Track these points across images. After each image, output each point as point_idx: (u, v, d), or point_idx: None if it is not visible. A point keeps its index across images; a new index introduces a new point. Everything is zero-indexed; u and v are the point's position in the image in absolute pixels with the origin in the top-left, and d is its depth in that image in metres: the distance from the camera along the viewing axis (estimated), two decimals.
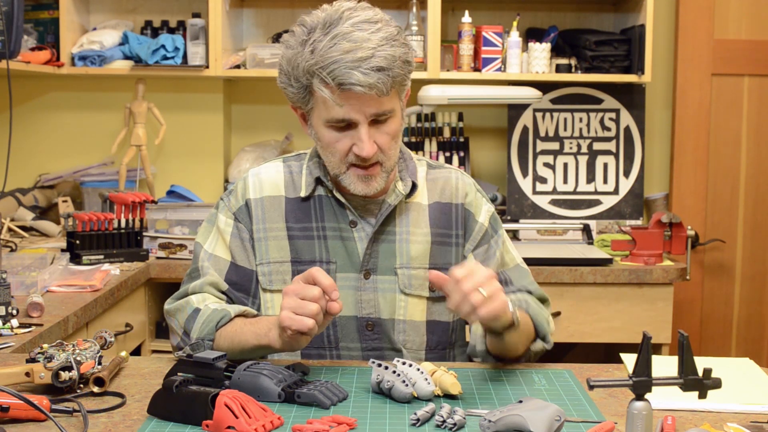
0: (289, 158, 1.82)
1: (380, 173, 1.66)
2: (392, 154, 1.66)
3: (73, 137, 3.55)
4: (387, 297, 1.73)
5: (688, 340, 1.18)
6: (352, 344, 1.73)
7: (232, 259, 1.74)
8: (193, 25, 3.33)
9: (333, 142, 1.64)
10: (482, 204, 1.81)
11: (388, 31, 1.59)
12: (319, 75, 1.56)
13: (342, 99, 1.57)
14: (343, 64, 1.54)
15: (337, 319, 1.71)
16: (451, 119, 3.55)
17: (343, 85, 1.55)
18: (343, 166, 1.65)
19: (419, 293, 1.74)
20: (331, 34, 1.56)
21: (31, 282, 2.22)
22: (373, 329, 1.73)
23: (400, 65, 1.58)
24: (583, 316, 2.96)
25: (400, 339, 1.73)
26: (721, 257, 3.60)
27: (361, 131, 1.60)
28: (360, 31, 1.56)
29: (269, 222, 1.74)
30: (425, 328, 1.75)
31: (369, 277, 1.73)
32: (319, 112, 1.63)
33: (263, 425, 1.28)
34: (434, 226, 1.76)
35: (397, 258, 1.73)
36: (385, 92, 1.57)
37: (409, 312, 1.74)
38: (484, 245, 1.78)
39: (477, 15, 3.42)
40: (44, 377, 1.45)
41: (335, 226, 1.73)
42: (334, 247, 1.73)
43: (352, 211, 1.73)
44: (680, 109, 3.57)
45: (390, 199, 1.73)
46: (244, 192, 1.77)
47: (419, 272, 1.74)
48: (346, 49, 1.54)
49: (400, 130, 1.68)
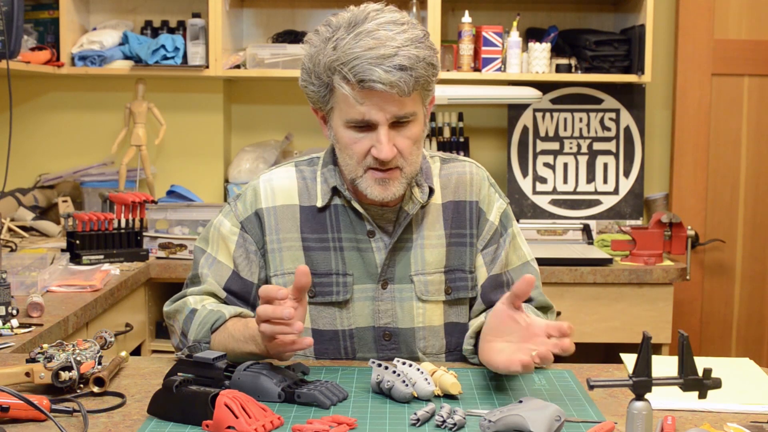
0: (301, 163, 1.76)
1: (399, 178, 1.61)
2: (413, 160, 1.62)
3: (73, 137, 3.55)
4: (404, 306, 1.70)
5: (688, 340, 1.18)
6: (369, 354, 1.70)
7: (234, 269, 1.70)
8: (193, 25, 3.33)
9: (351, 143, 1.59)
10: (494, 200, 1.76)
11: (414, 33, 1.56)
12: (341, 71, 1.53)
13: (362, 96, 1.54)
14: (365, 60, 1.51)
15: (355, 331, 1.69)
16: (451, 119, 3.55)
17: (364, 82, 1.52)
18: (360, 170, 1.61)
19: (436, 298, 1.71)
20: (354, 32, 1.53)
21: (31, 282, 2.22)
22: (390, 339, 1.70)
23: (424, 66, 1.55)
24: (583, 316, 2.96)
25: (421, 345, 1.71)
26: (721, 257, 3.60)
27: (381, 132, 1.56)
28: (385, 31, 1.53)
29: (283, 232, 1.70)
30: (443, 331, 1.73)
31: (387, 286, 1.69)
32: (339, 112, 1.59)
33: (263, 425, 1.28)
34: (449, 227, 1.73)
35: (412, 265, 1.70)
36: (406, 92, 1.53)
37: (428, 318, 1.71)
38: (493, 245, 1.75)
39: (477, 15, 3.42)
40: (44, 377, 1.45)
41: (352, 237, 1.69)
42: (351, 259, 1.69)
43: (370, 221, 1.69)
44: (680, 109, 3.57)
45: (407, 207, 1.69)
46: (255, 200, 1.72)
47: (435, 277, 1.71)
48: (369, 46, 1.51)
49: (422, 137, 1.63)
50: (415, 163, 1.63)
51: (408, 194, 1.70)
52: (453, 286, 1.72)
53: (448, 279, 1.72)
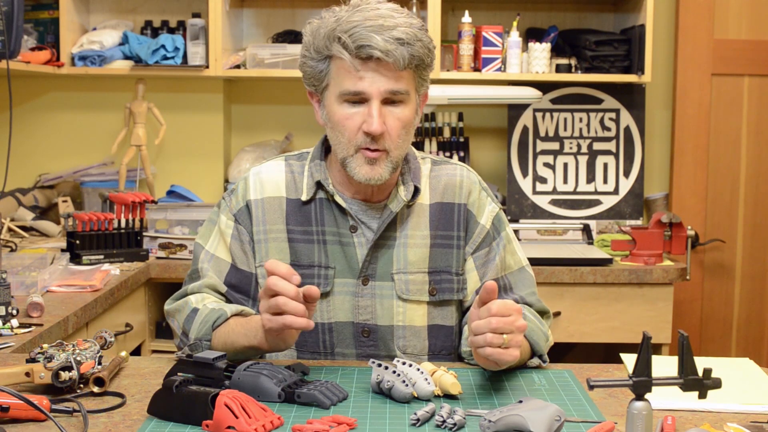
0: (291, 157, 1.80)
1: (385, 161, 1.63)
2: (400, 144, 1.64)
3: (73, 137, 3.55)
4: (384, 303, 1.71)
5: (688, 340, 1.18)
6: (347, 350, 1.71)
7: (232, 262, 1.73)
8: (193, 25, 3.33)
9: (344, 119, 1.62)
10: (485, 204, 1.77)
11: (413, 20, 1.62)
12: (340, 39, 1.58)
13: (359, 65, 1.58)
14: (365, 28, 1.56)
15: (334, 325, 1.71)
16: (451, 119, 3.55)
17: (362, 48, 1.56)
18: (352, 148, 1.63)
19: (418, 298, 1.72)
20: (356, 9, 1.61)
21: (31, 282, 2.22)
22: (369, 336, 1.71)
23: (421, 46, 1.60)
24: (583, 316, 2.96)
25: (400, 344, 1.72)
26: (721, 257, 3.60)
27: (372, 106, 1.60)
28: (386, 11, 1.60)
29: (269, 224, 1.73)
30: (426, 332, 1.73)
31: (367, 283, 1.71)
32: (334, 86, 1.63)
33: (263, 425, 1.28)
34: (434, 228, 1.74)
35: (394, 263, 1.71)
36: (401, 64, 1.57)
37: (409, 317, 1.72)
38: (484, 248, 1.75)
39: (477, 15, 3.43)
40: (44, 377, 1.45)
41: (335, 231, 1.71)
42: (333, 252, 1.71)
43: (353, 216, 1.71)
44: (680, 109, 3.57)
45: (392, 205, 1.71)
46: (245, 193, 1.75)
47: (417, 277, 1.72)
48: (369, 17, 1.58)
49: (413, 124, 1.66)
50: (402, 148, 1.66)
51: (393, 192, 1.72)
52: (438, 287, 1.73)
53: (433, 280, 1.72)
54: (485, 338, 1.43)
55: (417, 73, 1.64)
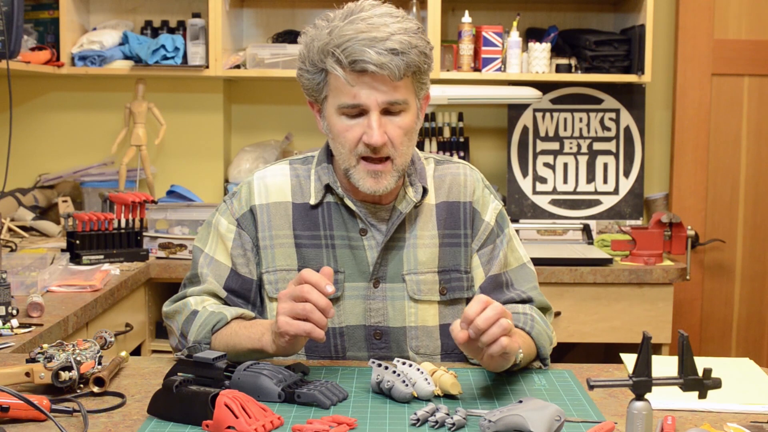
0: (296, 161, 1.78)
1: (391, 171, 1.62)
2: (404, 151, 1.63)
3: (73, 137, 3.55)
4: (396, 305, 1.70)
5: (688, 340, 1.18)
6: (359, 353, 1.70)
7: (233, 267, 1.71)
8: (193, 25, 3.33)
9: (344, 131, 1.61)
10: (489, 201, 1.77)
11: (408, 24, 1.59)
12: (334, 54, 1.56)
13: (354, 79, 1.56)
14: (357, 42, 1.54)
15: (345, 329, 1.70)
16: (451, 119, 3.55)
17: (356, 63, 1.54)
18: (353, 159, 1.62)
19: (429, 298, 1.71)
20: (349, 19, 1.57)
21: (31, 282, 2.22)
22: (381, 338, 1.70)
23: (416, 53, 1.57)
24: (583, 316, 2.96)
25: (413, 345, 1.71)
26: (721, 257, 3.60)
27: (371, 118, 1.58)
28: (379, 18, 1.57)
29: (275, 229, 1.71)
30: (439, 332, 1.72)
31: (378, 285, 1.70)
32: (332, 98, 1.61)
33: (263, 425, 1.28)
34: (442, 227, 1.73)
35: (404, 264, 1.70)
36: (397, 75, 1.55)
37: (421, 318, 1.71)
38: (489, 245, 1.75)
39: (477, 15, 3.42)
40: (44, 377, 1.45)
41: (344, 234, 1.70)
42: (343, 257, 1.70)
43: (362, 219, 1.69)
44: (680, 109, 3.57)
45: (401, 206, 1.70)
46: (249, 197, 1.73)
47: (428, 277, 1.71)
48: (362, 29, 1.55)
49: (414, 129, 1.65)
50: (406, 155, 1.64)
51: (401, 193, 1.71)
52: (448, 286, 1.72)
53: (443, 279, 1.72)
54: (487, 336, 1.41)
55: (415, 79, 1.62)
